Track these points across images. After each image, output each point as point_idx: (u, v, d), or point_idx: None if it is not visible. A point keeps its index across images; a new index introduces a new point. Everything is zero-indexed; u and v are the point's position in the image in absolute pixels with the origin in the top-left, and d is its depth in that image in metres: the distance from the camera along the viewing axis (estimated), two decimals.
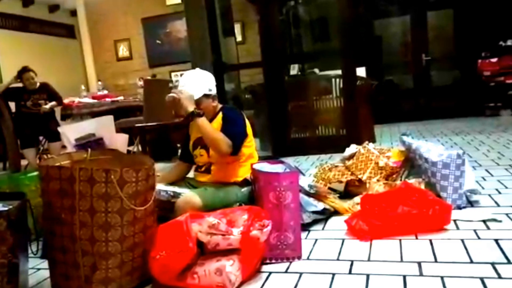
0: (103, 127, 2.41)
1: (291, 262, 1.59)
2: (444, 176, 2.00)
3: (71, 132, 2.29)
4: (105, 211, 1.33)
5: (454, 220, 1.78)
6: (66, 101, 5.23)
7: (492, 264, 1.38)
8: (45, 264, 1.49)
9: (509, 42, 5.88)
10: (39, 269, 1.76)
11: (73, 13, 7.99)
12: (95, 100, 5.64)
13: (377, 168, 2.32)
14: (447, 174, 1.99)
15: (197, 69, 2.19)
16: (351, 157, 2.49)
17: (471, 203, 2.01)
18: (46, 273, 1.46)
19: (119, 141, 2.40)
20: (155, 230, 1.51)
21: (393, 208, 1.75)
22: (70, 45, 8.02)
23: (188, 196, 1.86)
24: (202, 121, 1.96)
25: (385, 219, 1.72)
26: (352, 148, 2.61)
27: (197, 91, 2.04)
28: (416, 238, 1.67)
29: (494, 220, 1.75)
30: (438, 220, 1.73)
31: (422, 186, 2.05)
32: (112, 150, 1.64)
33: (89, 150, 1.52)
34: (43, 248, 1.57)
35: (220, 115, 2.11)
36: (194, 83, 2.07)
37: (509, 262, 1.38)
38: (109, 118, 2.46)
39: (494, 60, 5.89)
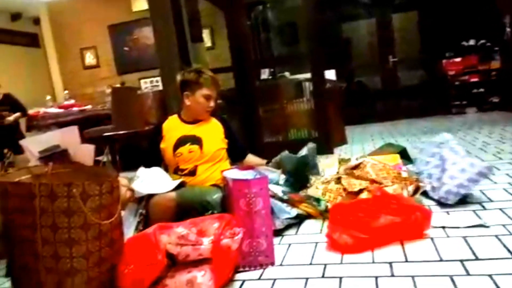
0: (68, 138, 2.33)
1: (264, 269, 1.57)
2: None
3: (34, 144, 2.20)
4: (68, 226, 1.27)
5: (443, 227, 1.70)
6: (31, 112, 5.07)
7: (461, 261, 1.40)
8: (9, 283, 1.42)
9: (471, 42, 6.08)
10: None
11: (36, 21, 7.75)
12: (62, 110, 5.49)
13: (400, 178, 2.16)
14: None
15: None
16: (356, 167, 2.27)
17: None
18: None
19: (85, 152, 2.33)
20: (122, 244, 1.46)
21: (374, 218, 1.65)
22: (34, 54, 7.77)
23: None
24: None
25: (370, 231, 1.62)
26: (354, 160, 2.45)
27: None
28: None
29: (482, 225, 1.66)
30: (419, 226, 1.66)
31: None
32: (74, 162, 1.59)
33: (50, 164, 1.46)
34: (7, 266, 1.50)
35: (216, 120, 2.28)
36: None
37: (477, 258, 1.41)
38: (74, 129, 2.38)
39: (458, 59, 6.07)
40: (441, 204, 2.01)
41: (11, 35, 7.43)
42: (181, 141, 2.14)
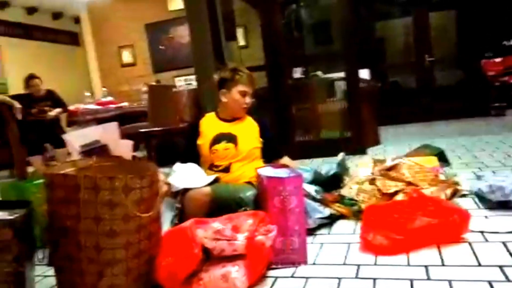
0: (108, 134, 2.42)
1: (297, 267, 1.58)
2: None
3: (76, 139, 2.30)
4: (110, 218, 1.33)
5: (481, 232, 1.66)
6: (71, 108, 5.27)
7: (500, 267, 1.36)
8: (52, 271, 1.49)
9: None
10: (46, 276, 1.76)
11: (77, 20, 8.04)
12: (100, 107, 5.67)
13: (438, 181, 2.13)
14: None
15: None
16: (391, 168, 2.25)
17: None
18: (53, 280, 1.46)
19: (124, 148, 2.41)
20: (160, 237, 1.51)
21: (410, 219, 1.62)
22: (74, 52, 8.08)
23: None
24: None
25: (405, 233, 1.59)
26: (390, 160, 2.36)
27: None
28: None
29: None
30: (457, 230, 1.62)
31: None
32: (117, 156, 1.65)
33: (94, 157, 1.53)
34: (50, 255, 1.57)
35: (252, 120, 2.30)
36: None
37: None
38: (114, 125, 2.47)
39: (498, 60, 5.85)
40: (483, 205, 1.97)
41: (54, 33, 7.75)
42: (217, 139, 2.18)
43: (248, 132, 2.24)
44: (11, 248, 1.18)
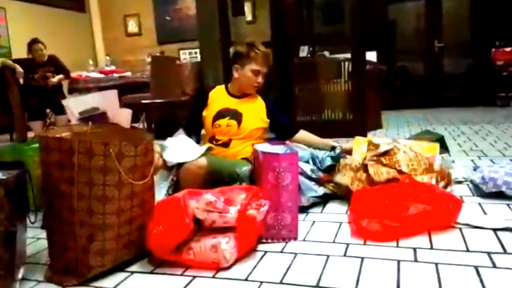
0: (108, 101, 2.41)
1: (287, 243, 1.59)
2: None
3: (75, 105, 2.29)
4: (103, 184, 1.33)
5: (467, 224, 1.61)
6: (73, 75, 5.25)
7: (488, 253, 1.37)
8: (44, 234, 1.51)
9: None
10: (38, 238, 1.79)
11: None
12: (102, 75, 5.65)
13: (431, 170, 2.05)
14: None
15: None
16: (385, 153, 2.13)
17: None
18: (45, 243, 1.48)
19: (122, 116, 2.41)
20: (152, 205, 1.52)
21: (404, 206, 1.60)
22: (79, 19, 7.97)
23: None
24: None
25: (400, 219, 1.56)
26: (384, 145, 2.37)
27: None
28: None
29: (509, 229, 1.55)
30: (450, 216, 1.61)
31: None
32: (114, 124, 1.64)
33: (90, 123, 1.53)
34: (43, 218, 1.59)
35: (261, 99, 2.26)
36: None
37: (505, 252, 1.37)
38: (114, 93, 2.45)
39: (508, 49, 5.77)
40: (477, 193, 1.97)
41: None
42: (222, 113, 2.17)
43: (255, 111, 2.22)
44: (3, 207, 1.18)
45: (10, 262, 1.24)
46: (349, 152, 2.33)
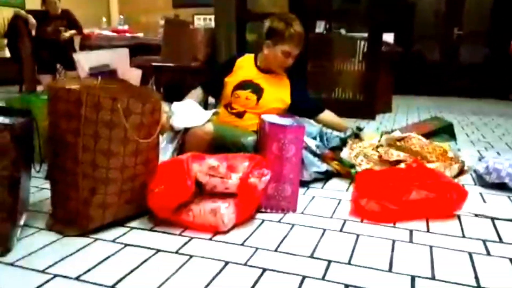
0: (119, 60, 2.40)
1: (285, 214, 1.61)
2: None
3: (86, 60, 2.28)
4: (108, 138, 1.34)
5: (469, 213, 1.62)
6: (86, 31, 5.20)
7: (484, 241, 1.38)
8: (47, 184, 1.54)
9: None
10: (42, 188, 1.82)
11: None
12: (115, 34, 5.59)
13: (446, 157, 2.03)
14: None
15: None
16: (400, 139, 2.16)
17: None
18: (48, 193, 1.50)
19: (132, 76, 2.39)
20: (156, 165, 1.53)
21: (407, 191, 1.58)
22: None
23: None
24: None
25: (400, 203, 1.55)
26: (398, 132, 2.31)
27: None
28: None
29: (509, 219, 1.56)
30: (452, 206, 1.59)
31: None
32: (123, 80, 1.64)
33: (99, 77, 1.52)
34: (48, 169, 1.61)
35: (287, 78, 2.21)
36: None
37: (501, 241, 1.38)
38: (125, 51, 2.43)
39: None
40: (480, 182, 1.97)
41: None
42: (244, 84, 2.13)
43: (277, 90, 2.17)
44: (9, 152, 1.20)
45: (13, 206, 1.26)
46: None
